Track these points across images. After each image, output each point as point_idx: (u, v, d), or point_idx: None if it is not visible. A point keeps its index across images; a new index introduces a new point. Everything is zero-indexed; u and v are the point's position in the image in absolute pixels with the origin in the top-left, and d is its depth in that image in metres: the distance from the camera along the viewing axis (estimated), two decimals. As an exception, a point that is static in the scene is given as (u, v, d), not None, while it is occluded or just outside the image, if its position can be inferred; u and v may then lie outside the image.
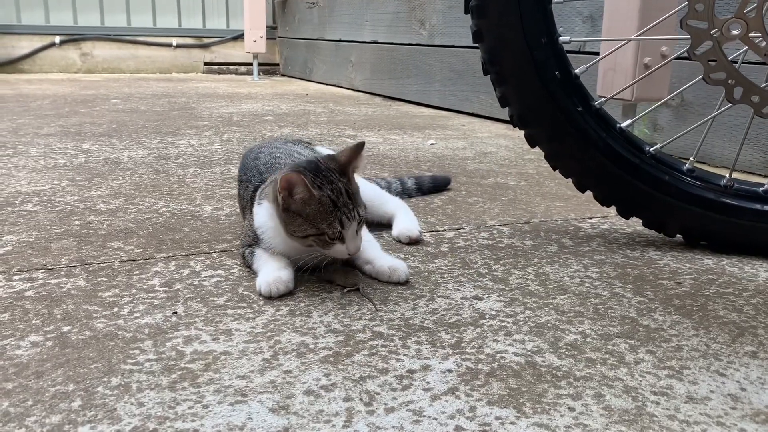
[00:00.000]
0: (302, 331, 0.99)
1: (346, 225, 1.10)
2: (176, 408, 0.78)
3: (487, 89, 3.38)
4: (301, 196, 1.09)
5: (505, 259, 1.33)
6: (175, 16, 5.97)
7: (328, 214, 1.09)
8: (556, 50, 1.32)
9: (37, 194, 1.73)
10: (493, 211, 1.69)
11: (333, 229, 1.09)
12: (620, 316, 1.07)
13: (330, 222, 1.09)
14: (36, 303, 1.06)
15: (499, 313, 1.07)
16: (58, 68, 5.64)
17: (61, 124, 2.92)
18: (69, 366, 0.87)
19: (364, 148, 1.17)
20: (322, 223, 1.09)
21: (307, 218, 1.10)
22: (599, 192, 1.42)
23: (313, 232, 1.10)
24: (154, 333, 0.97)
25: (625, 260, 1.34)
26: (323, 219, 1.09)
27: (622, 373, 0.89)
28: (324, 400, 0.80)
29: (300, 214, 1.10)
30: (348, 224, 1.10)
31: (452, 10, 3.62)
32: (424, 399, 0.81)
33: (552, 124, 1.36)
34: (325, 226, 1.09)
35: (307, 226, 1.10)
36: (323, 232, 1.10)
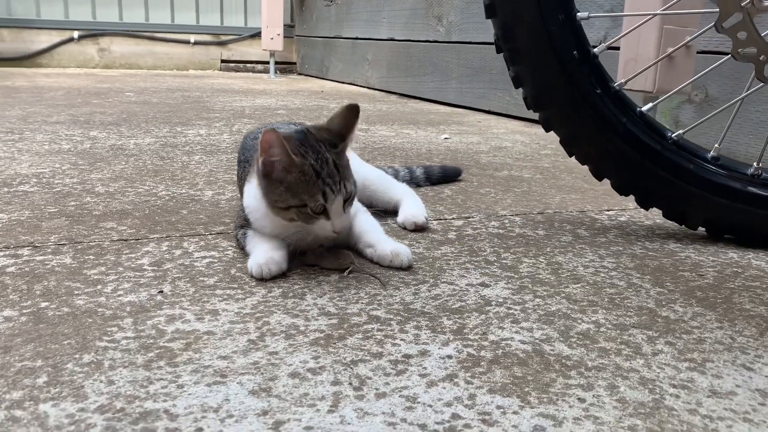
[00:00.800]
0: (293, 313, 0.92)
1: (330, 198, 1.02)
2: (148, 387, 0.72)
3: (504, 86, 3.31)
4: (278, 158, 1.01)
5: (516, 247, 1.26)
6: (193, 13, 5.96)
7: (310, 185, 1.01)
8: (573, 27, 1.24)
9: (36, 176, 1.69)
10: (506, 201, 1.62)
11: (315, 202, 1.01)
12: (637, 307, 0.99)
13: (312, 193, 1.01)
14: (16, 279, 1.01)
15: (507, 300, 1.00)
16: (75, 63, 5.65)
17: (71, 113, 2.89)
18: (40, 342, 0.81)
19: (359, 112, 1.08)
20: (304, 194, 1.01)
21: (289, 188, 1.02)
22: (617, 179, 1.35)
23: (295, 203, 1.02)
24: (136, 311, 0.91)
25: (644, 251, 1.26)
26: (305, 189, 1.01)
27: (639, 364, 0.81)
28: (310, 384, 0.74)
29: (281, 182, 1.02)
30: (332, 198, 1.02)
31: (470, 6, 3.55)
32: (419, 385, 0.74)
33: (568, 106, 1.28)
34: (307, 198, 1.01)
35: (289, 196, 1.02)
36: (305, 203, 1.02)
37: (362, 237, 1.16)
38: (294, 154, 1.01)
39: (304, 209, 1.03)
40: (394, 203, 1.42)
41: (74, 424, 0.65)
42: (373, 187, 1.42)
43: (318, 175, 1.02)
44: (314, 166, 1.02)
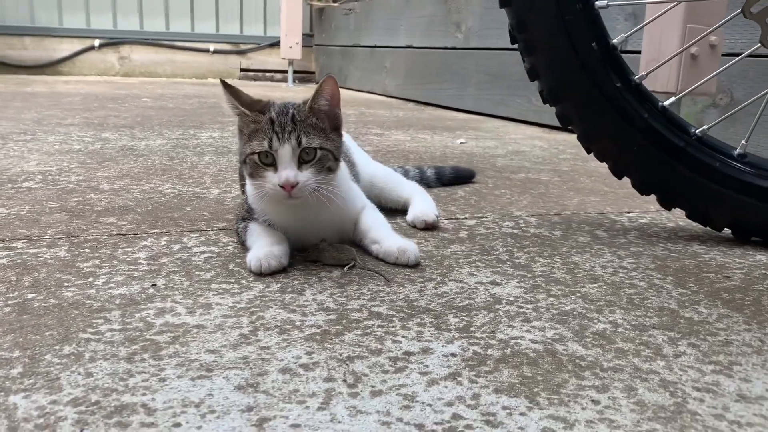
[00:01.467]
0: (290, 308, 0.87)
1: (275, 145, 0.99)
2: (128, 380, 0.67)
3: (523, 92, 3.25)
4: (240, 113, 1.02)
5: (530, 247, 1.20)
6: (213, 22, 5.99)
7: (260, 132, 1.00)
8: (591, 16, 1.19)
9: (42, 174, 1.66)
10: (521, 202, 1.56)
11: (261, 148, 0.99)
12: (658, 307, 0.93)
13: (260, 139, 1.00)
14: (6, 270, 0.97)
15: (518, 299, 0.94)
16: (96, 71, 5.69)
17: (86, 117, 2.88)
18: (21, 332, 0.77)
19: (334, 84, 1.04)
20: (255, 141, 1.00)
21: (246, 138, 1.02)
22: (638, 178, 1.28)
23: (247, 150, 1.01)
24: (126, 304, 0.87)
25: (666, 253, 1.20)
26: (256, 136, 1.01)
27: (659, 366, 0.75)
28: (301, 380, 0.68)
29: (244, 133, 1.03)
30: (278, 145, 0.99)
31: (489, 12, 3.50)
32: (419, 383, 0.69)
33: (586, 99, 1.22)
34: (255, 144, 1.00)
35: (244, 143, 1.03)
36: (254, 151, 1.00)
37: (368, 233, 1.11)
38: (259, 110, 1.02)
39: (254, 157, 1.01)
40: (403, 201, 1.37)
41: (43, 416, 0.60)
42: (380, 185, 1.37)
43: (271, 123, 1.01)
44: (271, 118, 1.01)
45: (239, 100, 1.03)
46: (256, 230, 1.07)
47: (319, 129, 1.03)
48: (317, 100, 1.03)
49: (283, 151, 0.99)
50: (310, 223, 1.07)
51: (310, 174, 1.00)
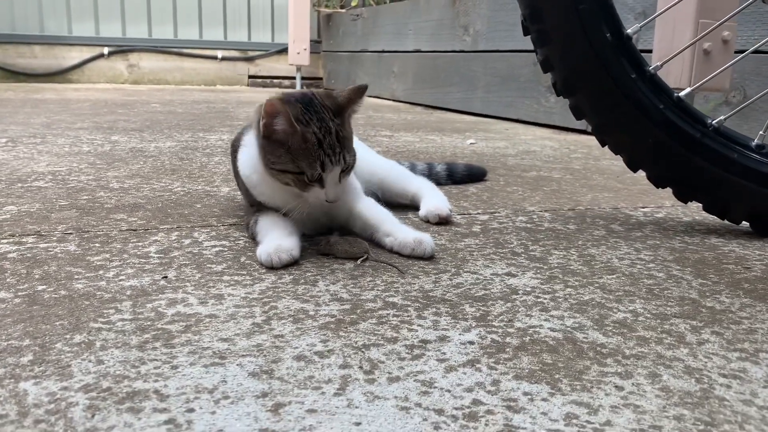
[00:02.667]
0: (304, 298, 0.86)
1: (328, 168, 0.99)
2: (140, 368, 0.66)
3: (532, 94, 3.23)
4: (282, 128, 0.98)
5: (545, 240, 1.18)
6: (221, 29, 6.01)
7: (310, 153, 0.98)
8: (605, 6, 1.17)
9: (51, 174, 1.66)
10: (534, 198, 1.54)
11: (313, 170, 0.99)
12: (679, 297, 0.91)
13: (311, 161, 0.98)
14: (17, 264, 0.96)
15: (535, 289, 0.92)
16: (105, 78, 5.72)
17: (96, 121, 2.88)
18: (31, 322, 0.75)
19: (366, 91, 1.06)
20: (303, 161, 0.99)
21: (289, 151, 0.99)
22: (653, 171, 1.26)
23: (292, 168, 1.00)
24: (137, 295, 0.85)
25: (683, 245, 1.18)
26: (305, 157, 0.98)
27: (683, 354, 0.73)
28: (316, 367, 0.67)
29: (282, 145, 0.99)
30: (330, 168, 0.99)
31: (497, 14, 3.50)
32: (437, 370, 0.67)
33: (601, 90, 1.21)
34: (305, 165, 0.99)
35: (287, 160, 0.99)
36: (302, 171, 0.99)
37: (380, 226, 1.09)
38: (297, 122, 0.98)
39: (300, 176, 1.00)
40: (410, 196, 1.35)
41: (54, 402, 0.59)
42: (381, 176, 1.34)
43: (320, 144, 0.99)
44: (317, 135, 0.99)
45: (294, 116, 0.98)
46: (266, 223, 1.05)
47: (350, 138, 1.04)
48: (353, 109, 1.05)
49: (334, 173, 1.00)
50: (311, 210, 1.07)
51: (345, 184, 1.05)
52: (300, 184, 1.01)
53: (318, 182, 1.00)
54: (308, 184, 1.00)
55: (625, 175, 1.88)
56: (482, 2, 3.62)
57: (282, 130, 0.99)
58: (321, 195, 1.01)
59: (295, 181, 1.01)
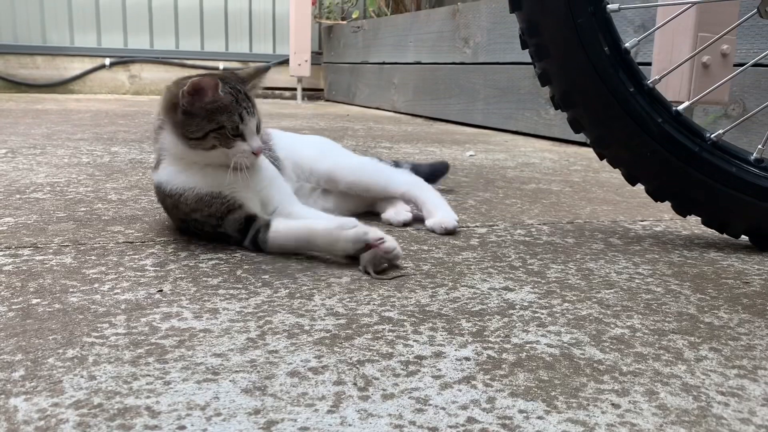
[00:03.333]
0: (299, 312, 0.85)
1: (246, 119, 1.10)
2: (132, 383, 0.65)
3: (532, 106, 3.24)
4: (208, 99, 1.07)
5: (543, 254, 1.18)
6: (222, 40, 6.03)
7: (228, 108, 1.08)
8: (603, 20, 1.18)
9: (50, 185, 1.66)
10: (533, 211, 1.53)
11: (233, 122, 1.09)
12: (677, 312, 0.90)
13: (230, 115, 1.08)
14: (12, 276, 0.96)
15: (532, 304, 0.92)
16: (107, 89, 5.73)
17: (96, 132, 2.89)
18: (24, 336, 0.75)
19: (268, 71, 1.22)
20: (222, 116, 1.08)
21: (207, 116, 1.08)
22: (652, 184, 1.26)
23: (212, 126, 1.08)
24: (131, 309, 0.85)
25: (682, 260, 1.17)
26: (223, 112, 1.08)
27: (680, 370, 0.72)
28: (310, 383, 0.66)
29: (199, 114, 1.08)
30: (248, 119, 1.10)
31: (497, 26, 3.51)
32: (432, 387, 0.66)
33: (599, 104, 1.21)
34: (225, 119, 1.08)
35: (206, 122, 1.08)
36: (222, 125, 1.08)
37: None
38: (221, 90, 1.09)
39: (221, 131, 1.08)
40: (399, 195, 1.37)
41: (44, 419, 0.58)
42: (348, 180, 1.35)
43: (236, 100, 1.10)
44: (231, 93, 1.10)
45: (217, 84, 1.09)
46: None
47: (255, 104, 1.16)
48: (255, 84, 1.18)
49: (251, 124, 1.11)
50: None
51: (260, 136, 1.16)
52: (223, 139, 1.09)
53: (240, 137, 1.09)
54: (231, 138, 1.09)
55: (624, 188, 1.88)
56: (483, 15, 3.64)
57: (205, 99, 1.08)
58: (245, 146, 1.10)
59: (219, 138, 1.08)
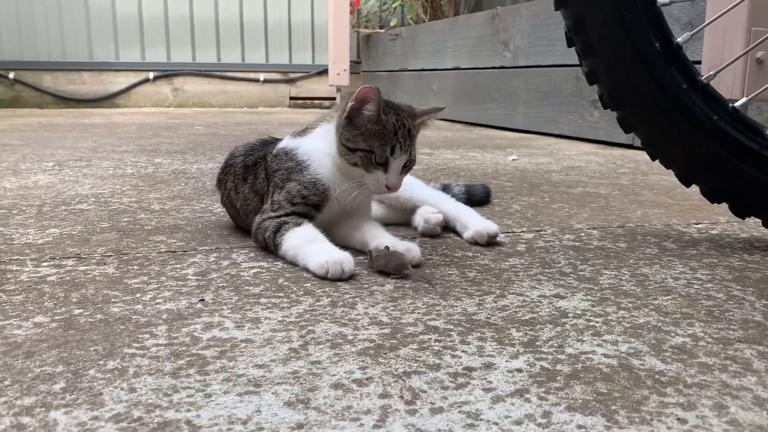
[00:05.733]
0: (342, 322, 0.83)
1: (396, 154, 1.09)
2: (173, 396, 0.63)
3: (575, 108, 3.17)
4: (369, 113, 1.08)
5: (594, 259, 1.13)
6: (262, 52, 6.09)
7: (385, 137, 1.08)
8: (653, 14, 1.13)
9: (94, 196, 1.67)
10: (581, 215, 1.48)
11: (383, 152, 1.08)
12: (741, 320, 0.85)
13: (383, 144, 1.08)
14: (55, 287, 0.96)
15: (586, 312, 0.87)
16: (151, 102, 5.85)
17: (140, 144, 2.93)
18: (66, 347, 0.74)
19: (442, 112, 1.18)
20: (376, 142, 1.08)
21: (364, 134, 1.09)
22: (708, 185, 1.20)
23: (363, 146, 1.09)
24: (173, 319, 0.83)
25: (743, 264, 1.11)
26: (378, 139, 1.08)
27: (751, 382, 0.67)
28: (354, 396, 0.63)
29: (359, 128, 1.09)
30: (398, 154, 1.09)
31: (538, 29, 3.45)
32: (482, 400, 0.63)
33: (650, 102, 1.16)
34: (377, 146, 1.08)
35: (361, 140, 1.09)
36: (372, 150, 1.08)
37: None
38: (384, 113, 1.09)
39: (369, 155, 1.09)
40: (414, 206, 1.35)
41: (84, 433, 0.57)
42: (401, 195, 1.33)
43: (395, 132, 1.09)
44: (395, 124, 1.09)
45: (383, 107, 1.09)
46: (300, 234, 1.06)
47: (415, 142, 1.14)
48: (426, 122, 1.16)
49: (399, 161, 1.10)
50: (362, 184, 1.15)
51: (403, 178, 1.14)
52: (366, 163, 1.09)
53: (383, 166, 1.09)
54: (374, 165, 1.09)
55: (676, 190, 1.81)
56: (523, 18, 3.58)
57: (367, 114, 1.08)
58: (382, 179, 1.10)
59: (363, 160, 1.09)
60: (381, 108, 1.08)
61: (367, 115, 1.08)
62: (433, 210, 1.30)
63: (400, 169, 1.10)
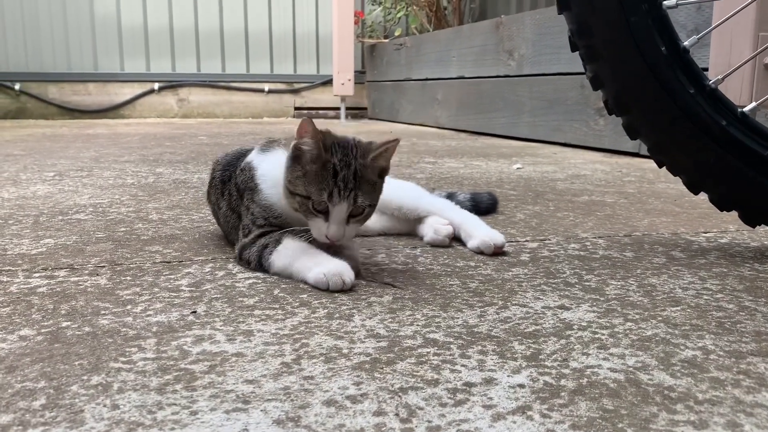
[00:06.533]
0: (337, 334, 0.80)
1: (335, 201, 0.98)
2: (157, 413, 0.60)
3: (580, 117, 3.14)
4: (308, 149, 0.98)
5: (600, 269, 1.10)
6: (267, 62, 6.10)
7: (322, 180, 0.98)
8: (659, 18, 1.10)
9: (93, 206, 1.65)
10: (587, 224, 1.45)
11: (320, 197, 0.97)
12: (754, 332, 0.81)
13: (320, 188, 0.97)
14: (45, 299, 0.93)
15: (591, 324, 0.84)
16: (156, 113, 5.85)
17: (142, 154, 2.92)
18: (50, 362, 0.71)
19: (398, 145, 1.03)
20: (313, 186, 0.98)
21: (305, 175, 0.99)
22: (717, 192, 1.17)
23: (301, 192, 0.99)
24: (162, 331, 0.81)
25: (754, 273, 1.07)
26: (317, 182, 0.98)
27: (765, 399, 0.64)
28: (347, 413, 0.60)
29: (302, 168, 0.99)
30: (338, 201, 0.98)
31: (543, 38, 3.43)
32: (482, 418, 0.60)
33: (656, 108, 1.13)
34: (314, 191, 0.98)
35: (300, 183, 0.99)
36: (309, 196, 0.98)
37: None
38: (323, 148, 0.98)
39: (307, 201, 0.99)
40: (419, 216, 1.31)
41: (60, 453, 0.54)
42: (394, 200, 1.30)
43: (335, 174, 0.98)
44: (335, 166, 0.97)
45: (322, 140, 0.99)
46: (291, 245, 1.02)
47: (371, 183, 1.02)
48: (378, 161, 1.03)
49: (339, 209, 0.98)
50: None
51: (353, 228, 1.02)
52: (305, 210, 1.00)
53: (323, 214, 0.99)
54: (313, 212, 0.99)
55: (683, 199, 1.78)
56: (527, 26, 3.56)
57: (306, 150, 0.99)
58: (322, 228, 0.99)
59: (301, 205, 1.00)
60: (319, 143, 0.98)
61: (307, 152, 0.98)
62: (443, 221, 1.26)
63: (343, 217, 0.99)
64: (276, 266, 1.03)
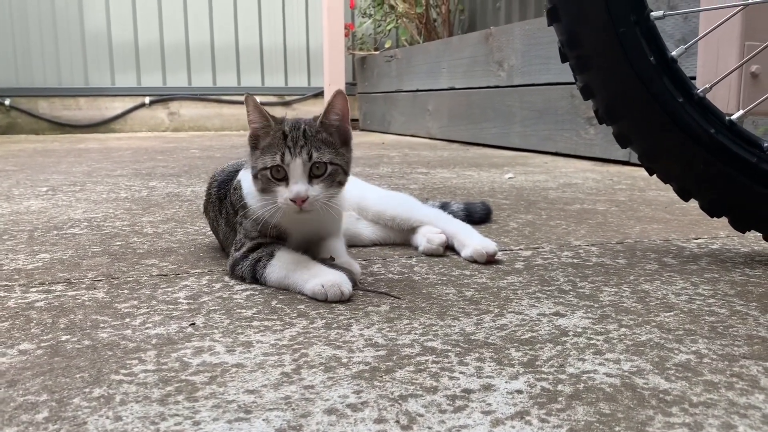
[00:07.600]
0: (336, 344, 0.81)
1: (287, 159, 0.99)
2: (160, 424, 0.61)
3: (571, 126, 3.17)
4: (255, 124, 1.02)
5: (594, 276, 1.11)
6: (258, 75, 6.11)
7: (274, 146, 1.01)
8: (647, 28, 1.12)
9: (87, 220, 1.65)
10: (579, 232, 1.47)
11: (273, 162, 0.99)
12: (746, 335, 0.83)
13: (273, 153, 1.00)
14: (43, 313, 0.93)
15: (586, 330, 0.85)
16: (147, 127, 5.85)
17: (135, 168, 2.92)
18: (51, 375, 0.72)
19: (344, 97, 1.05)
20: (267, 156, 1.00)
21: (262, 152, 1.02)
22: (707, 198, 1.19)
23: (260, 166, 1.01)
24: (162, 343, 0.81)
25: (745, 278, 1.09)
26: (270, 152, 1.01)
27: (758, 400, 0.65)
28: (348, 421, 0.61)
29: (260, 150, 1.03)
30: (290, 159, 0.99)
31: (532, 48, 3.46)
32: (482, 424, 0.61)
33: (646, 116, 1.15)
34: (269, 159, 1.00)
35: (260, 161, 1.01)
36: (266, 166, 1.00)
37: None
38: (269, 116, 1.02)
39: (266, 173, 1.01)
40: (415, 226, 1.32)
41: (65, 465, 0.54)
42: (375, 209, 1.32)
43: (284, 137, 1.01)
44: (284, 131, 1.01)
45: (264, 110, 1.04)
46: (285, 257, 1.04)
47: (329, 144, 1.04)
48: (328, 116, 1.05)
49: (295, 165, 1.00)
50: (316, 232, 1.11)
51: (321, 189, 1.01)
52: (267, 183, 1.01)
53: (284, 181, 1.00)
54: (274, 181, 1.00)
55: (674, 206, 1.80)
56: (516, 37, 3.60)
57: (259, 128, 1.03)
58: (285, 193, 1.00)
59: (264, 182, 1.01)
60: (264, 112, 1.02)
61: (258, 129, 1.03)
62: (435, 230, 1.28)
63: (301, 173, 0.99)
64: (271, 279, 1.04)
